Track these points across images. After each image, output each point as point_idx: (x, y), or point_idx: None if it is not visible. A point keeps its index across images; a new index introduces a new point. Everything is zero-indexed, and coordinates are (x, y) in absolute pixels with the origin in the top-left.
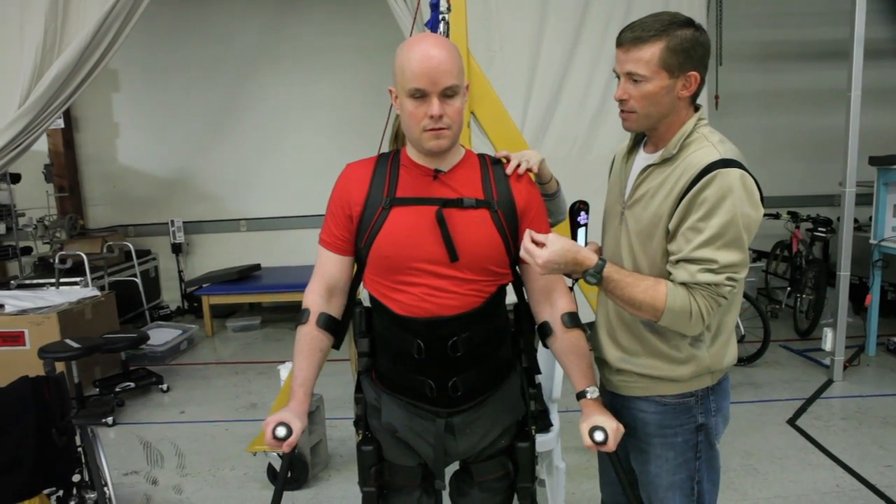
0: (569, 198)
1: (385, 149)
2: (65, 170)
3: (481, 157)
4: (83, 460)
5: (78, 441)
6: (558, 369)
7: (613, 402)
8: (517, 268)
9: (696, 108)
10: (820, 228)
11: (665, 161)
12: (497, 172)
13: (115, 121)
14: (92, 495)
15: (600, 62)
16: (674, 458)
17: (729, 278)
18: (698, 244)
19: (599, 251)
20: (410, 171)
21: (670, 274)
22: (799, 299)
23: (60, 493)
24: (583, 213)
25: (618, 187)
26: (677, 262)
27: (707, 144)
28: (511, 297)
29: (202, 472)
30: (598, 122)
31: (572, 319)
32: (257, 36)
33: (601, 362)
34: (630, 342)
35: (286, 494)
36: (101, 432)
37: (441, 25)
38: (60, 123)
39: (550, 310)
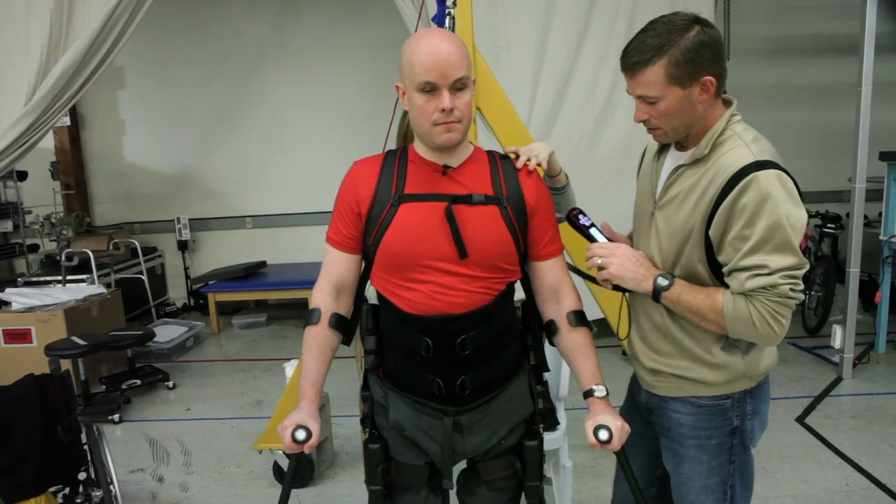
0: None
1: (391, 146)
2: (71, 167)
3: (490, 153)
4: (89, 458)
5: (84, 439)
6: (565, 367)
7: (650, 401)
8: (525, 265)
9: (729, 103)
10: (829, 224)
11: (697, 161)
12: (506, 168)
13: (122, 118)
14: (98, 493)
15: (607, 58)
16: (707, 462)
17: (785, 277)
18: (746, 252)
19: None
20: (419, 167)
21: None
22: (807, 296)
23: (66, 490)
24: (581, 216)
25: (648, 187)
26: (729, 272)
27: (740, 144)
28: (519, 294)
29: (208, 470)
30: (605, 119)
31: (578, 318)
32: (263, 32)
33: (636, 362)
34: (662, 344)
35: (292, 492)
36: (108, 430)
37: (447, 20)
38: (67, 121)
39: (556, 308)
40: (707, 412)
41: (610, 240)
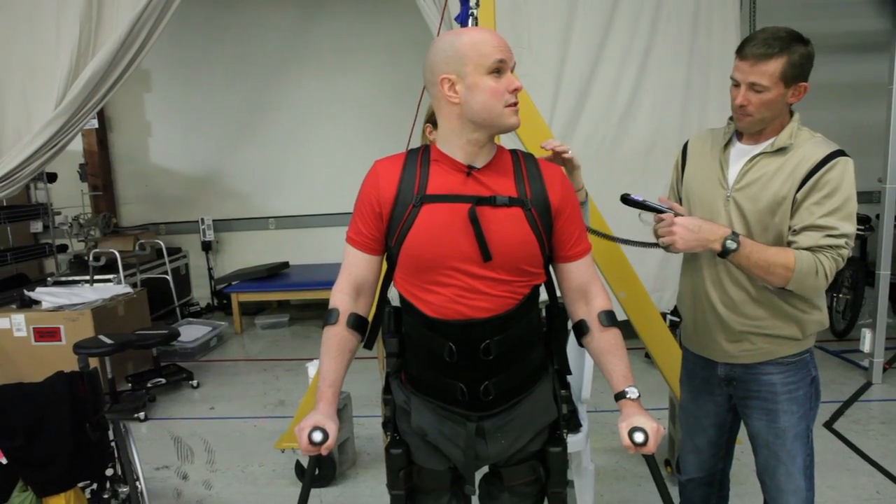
0: (599, 194)
1: (414, 145)
2: (99, 169)
3: (514, 152)
4: (116, 455)
5: (111, 436)
6: (587, 369)
7: (731, 372)
8: (550, 267)
9: (791, 110)
10: (858, 226)
11: (780, 150)
12: (530, 169)
13: (147, 120)
14: (124, 489)
15: (629, 59)
16: (797, 411)
17: (847, 242)
18: (823, 213)
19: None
20: (442, 166)
21: (790, 243)
22: (836, 299)
23: (94, 486)
24: (631, 195)
25: (713, 175)
26: (802, 229)
27: (817, 138)
28: (542, 296)
29: (231, 468)
30: (627, 119)
31: (609, 318)
32: (286, 34)
33: (712, 340)
34: (754, 309)
35: (313, 492)
36: (134, 427)
37: (470, 21)
38: (94, 123)
39: (587, 308)
40: (794, 367)
41: (667, 210)
